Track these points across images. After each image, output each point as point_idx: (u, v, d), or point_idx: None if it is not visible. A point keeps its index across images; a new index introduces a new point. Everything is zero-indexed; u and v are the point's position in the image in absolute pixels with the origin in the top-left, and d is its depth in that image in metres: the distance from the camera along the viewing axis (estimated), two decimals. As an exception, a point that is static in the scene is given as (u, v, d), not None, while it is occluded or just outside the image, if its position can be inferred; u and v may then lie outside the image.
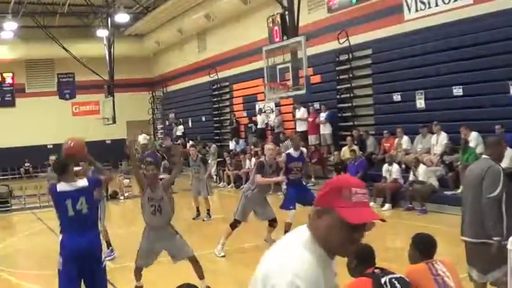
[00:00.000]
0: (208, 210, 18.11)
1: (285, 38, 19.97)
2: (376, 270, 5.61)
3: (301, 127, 23.88)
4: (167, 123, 40.23)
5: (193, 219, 18.14)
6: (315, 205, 2.94)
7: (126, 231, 16.35)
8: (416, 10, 20.38)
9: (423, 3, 20.06)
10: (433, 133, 18.36)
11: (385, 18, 21.52)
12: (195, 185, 18.58)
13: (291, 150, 13.55)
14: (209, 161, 27.75)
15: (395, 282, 5.42)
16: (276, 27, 20.64)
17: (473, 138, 16.86)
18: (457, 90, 18.42)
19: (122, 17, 33.51)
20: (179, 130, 36.14)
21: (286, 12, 20.34)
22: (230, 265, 12.37)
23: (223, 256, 12.71)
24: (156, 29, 38.81)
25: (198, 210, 18.43)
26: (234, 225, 12.92)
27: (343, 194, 2.86)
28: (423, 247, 6.20)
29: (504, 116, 16.70)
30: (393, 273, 5.62)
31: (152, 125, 43.21)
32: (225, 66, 32.61)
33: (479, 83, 17.83)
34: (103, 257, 7.88)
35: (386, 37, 21.60)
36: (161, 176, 25.61)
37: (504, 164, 15.07)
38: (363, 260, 5.79)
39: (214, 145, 29.20)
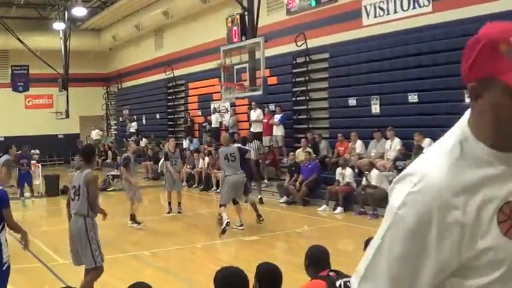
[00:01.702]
0: (180, 203, 18.37)
1: (243, 38, 19.90)
2: (331, 273, 5.59)
3: (256, 128, 23.83)
4: (121, 119, 39.87)
5: (168, 213, 18.24)
6: (466, 81, 2.03)
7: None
8: (375, 16, 20.49)
9: (382, 9, 20.18)
10: (387, 138, 18.46)
11: (343, 23, 21.58)
12: (170, 178, 18.36)
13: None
14: (161, 159, 27.67)
15: (350, 285, 5.39)
16: (235, 27, 20.57)
17: (426, 145, 17.00)
18: (412, 97, 18.54)
19: (79, 11, 33.05)
20: (133, 127, 35.85)
21: (246, 13, 20.29)
22: (181, 264, 12.26)
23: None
24: (114, 24, 38.46)
25: (170, 205, 18.36)
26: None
27: (501, 50, 1.85)
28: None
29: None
30: (348, 276, 5.60)
31: (106, 121, 42.80)
32: (181, 64, 32.40)
33: (435, 90, 17.97)
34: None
35: (344, 41, 21.67)
36: (112, 173, 25.62)
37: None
38: (316, 262, 5.77)
39: (173, 143, 28.96)
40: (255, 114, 23.88)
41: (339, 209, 17.49)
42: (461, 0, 17.76)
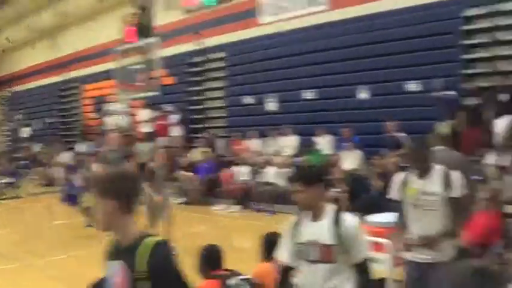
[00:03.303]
0: None
1: (139, 38, 19.63)
2: (224, 272, 5.59)
3: (146, 128, 23.55)
4: (12, 124, 38.67)
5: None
6: None
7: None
8: (272, 14, 20.61)
9: (278, 8, 20.31)
10: (283, 135, 18.58)
11: (240, 22, 21.63)
12: None
13: None
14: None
15: (243, 283, 5.41)
16: (131, 27, 20.27)
17: (326, 141, 17.23)
18: (308, 94, 18.76)
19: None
20: (25, 132, 34.85)
21: (141, 12, 20.01)
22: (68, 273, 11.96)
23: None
24: (6, 25, 37.35)
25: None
26: None
27: None
28: (274, 247, 6.21)
29: (352, 119, 17.18)
30: (241, 274, 5.60)
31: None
32: (77, 66, 31.73)
33: (330, 87, 18.24)
34: None
35: (240, 40, 21.71)
36: (4, 181, 24.79)
37: (351, 165, 15.59)
38: (210, 261, 5.75)
39: (61, 147, 28.37)
40: (144, 114, 23.59)
41: (237, 207, 17.49)
42: (355, -2, 18.13)
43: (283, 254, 4.83)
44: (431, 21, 16.12)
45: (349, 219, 4.56)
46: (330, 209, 4.61)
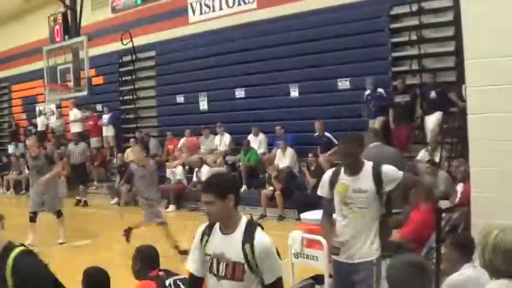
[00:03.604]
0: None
1: (66, 37, 19.34)
2: (160, 273, 5.58)
3: (75, 128, 23.29)
4: None
5: None
6: None
7: None
8: (201, 13, 20.60)
9: (208, 6, 20.34)
10: (216, 134, 18.59)
11: (170, 20, 21.55)
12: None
13: None
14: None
15: (180, 283, 5.41)
16: (58, 27, 19.92)
17: (259, 140, 17.30)
18: (240, 93, 18.82)
19: None
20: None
21: (69, 11, 19.73)
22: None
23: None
24: None
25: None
26: None
27: None
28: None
29: (284, 117, 17.30)
30: (177, 274, 5.59)
31: None
32: (3, 66, 31.07)
33: (261, 85, 18.33)
34: None
35: (170, 39, 21.64)
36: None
37: (285, 163, 15.70)
38: (147, 262, 5.71)
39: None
40: (72, 113, 23.31)
41: (171, 207, 17.43)
42: (284, -3, 18.24)
43: (191, 263, 4.48)
44: (360, 20, 16.37)
45: (261, 237, 4.15)
46: (242, 222, 4.23)
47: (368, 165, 5.84)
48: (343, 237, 5.87)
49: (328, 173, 6.14)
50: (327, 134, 15.41)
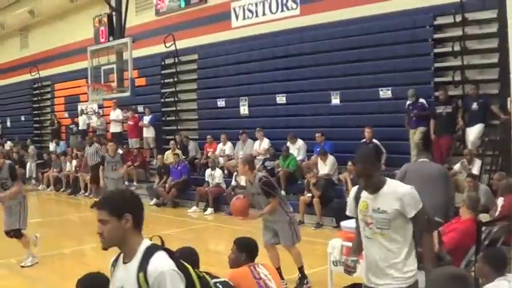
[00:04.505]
0: None
1: (111, 38, 19.55)
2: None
3: (115, 128, 23.58)
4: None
5: None
6: None
7: None
8: (244, 18, 20.68)
9: (251, 11, 20.40)
10: (255, 139, 18.62)
11: (212, 24, 21.66)
12: (110, 185, 16.35)
13: None
14: (28, 163, 26.85)
15: (220, 286, 5.40)
16: (103, 28, 20.14)
17: (298, 146, 17.29)
18: (280, 98, 18.84)
19: None
20: (-4, 130, 34.61)
21: (114, 13, 19.95)
22: (49, 270, 11.88)
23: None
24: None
25: None
26: None
27: None
28: (248, 250, 6.25)
29: (324, 124, 17.30)
30: (217, 277, 5.60)
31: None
32: (48, 64, 31.47)
33: (303, 92, 18.34)
34: None
35: (213, 43, 21.75)
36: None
37: (324, 170, 15.68)
38: (189, 264, 5.71)
39: (32, 146, 28.16)
40: (114, 114, 23.58)
41: (209, 210, 17.51)
42: (327, 4, 18.20)
43: None
44: (404, 29, 16.31)
45: (157, 261, 3.52)
46: (142, 248, 3.59)
47: (390, 185, 5.25)
48: (367, 259, 5.41)
49: (354, 190, 5.63)
50: (374, 140, 15.37)
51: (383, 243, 5.20)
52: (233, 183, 17.60)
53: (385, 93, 16.23)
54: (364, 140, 15.56)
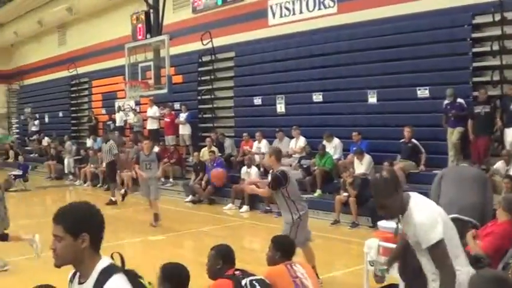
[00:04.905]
0: (156, 214, 15.45)
1: (148, 36, 19.70)
2: (236, 272, 5.58)
3: (152, 125, 23.74)
4: (22, 117, 38.89)
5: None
6: None
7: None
8: (281, 16, 20.67)
9: (288, 9, 20.38)
10: (291, 137, 18.60)
11: (249, 22, 21.70)
12: (143, 184, 15.99)
13: None
14: (65, 158, 27.14)
15: (256, 284, 5.42)
16: (140, 25, 20.31)
17: (334, 145, 17.25)
18: (317, 97, 18.80)
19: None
20: (35, 125, 35.02)
21: (151, 10, 20.10)
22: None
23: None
24: (16, 19, 37.46)
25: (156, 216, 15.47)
26: None
27: None
28: (284, 249, 6.25)
29: (361, 123, 17.23)
30: (254, 274, 5.61)
31: (7, 119, 41.62)
32: (85, 61, 31.84)
33: (339, 90, 18.28)
34: None
35: (249, 41, 21.79)
36: (14, 173, 24.95)
37: (360, 170, 15.63)
38: (222, 261, 5.74)
39: (70, 142, 28.45)
40: (151, 111, 23.74)
41: (245, 208, 17.54)
42: (365, 2, 18.12)
43: None
44: (441, 28, 16.12)
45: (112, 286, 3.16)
46: (98, 269, 3.23)
47: (411, 207, 4.79)
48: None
49: None
50: (413, 140, 15.27)
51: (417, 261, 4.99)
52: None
53: (423, 92, 16.10)
54: (403, 139, 15.48)
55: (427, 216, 4.71)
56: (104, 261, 3.26)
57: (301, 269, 6.06)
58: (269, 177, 9.51)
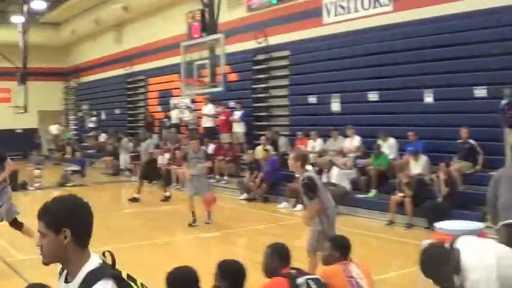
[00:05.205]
0: (209, 212, 15.56)
1: (203, 34, 19.80)
2: (292, 271, 5.58)
3: (207, 123, 23.88)
4: (79, 114, 39.54)
5: (190, 225, 15.16)
6: None
7: (33, 223, 15.98)
8: (336, 14, 20.59)
9: (343, 7, 20.28)
10: (346, 136, 18.53)
11: (304, 20, 21.66)
12: (194, 182, 15.66)
13: None
14: (121, 154, 27.49)
15: (312, 283, 5.40)
16: (195, 23, 20.48)
17: (390, 145, 17.11)
18: (373, 96, 18.68)
19: (38, 4, 32.73)
20: (92, 122, 35.55)
21: (206, 9, 20.19)
22: (140, 260, 12.14)
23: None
24: (72, 18, 38.04)
25: (194, 215, 15.28)
26: None
27: None
28: (341, 248, 6.24)
29: (417, 123, 17.05)
30: (309, 273, 5.61)
31: (65, 116, 42.32)
32: (141, 59, 32.22)
33: (395, 89, 18.13)
34: None
35: (304, 39, 21.73)
36: (71, 168, 25.38)
37: (416, 170, 15.46)
38: (278, 259, 5.74)
39: (126, 139, 28.80)
40: (206, 109, 23.88)
41: (299, 206, 17.49)
42: (420, 0, 17.91)
43: None
44: (499, 26, 15.86)
45: None
46: (86, 269, 3.07)
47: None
48: None
49: None
50: (470, 141, 15.07)
51: None
52: (324, 180, 17.53)
53: (480, 92, 15.85)
54: (460, 140, 15.28)
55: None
56: (92, 261, 3.12)
57: (356, 269, 6.04)
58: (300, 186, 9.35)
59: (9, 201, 11.64)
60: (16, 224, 11.63)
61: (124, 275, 3.08)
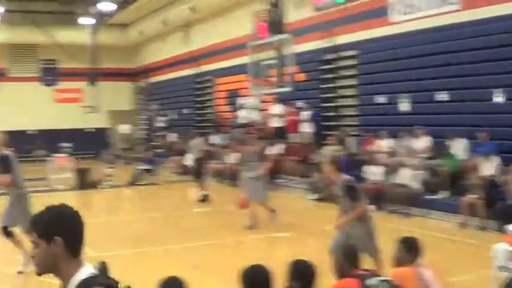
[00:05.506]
0: (273, 210, 15.49)
1: (270, 34, 19.86)
2: (362, 272, 5.56)
3: (276, 123, 23.92)
4: (149, 114, 40.09)
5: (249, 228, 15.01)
6: None
7: (106, 221, 16.32)
8: (402, 13, 20.38)
9: (409, 6, 20.06)
10: (416, 137, 18.32)
11: (371, 20, 21.53)
12: (248, 185, 15.43)
13: None
14: (188, 154, 27.73)
15: (383, 284, 5.38)
16: (262, 23, 20.53)
17: (459, 145, 16.85)
18: (441, 96, 18.43)
19: (106, 5, 33.31)
20: (161, 122, 36.00)
21: (273, 9, 20.25)
22: (211, 259, 12.22)
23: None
24: (140, 19, 38.58)
25: (253, 218, 15.14)
26: None
27: None
28: (413, 250, 6.20)
29: (487, 123, 16.73)
30: (379, 275, 5.59)
31: (134, 116, 42.97)
32: (208, 59, 32.52)
33: (464, 89, 17.88)
34: None
35: (372, 38, 21.59)
36: (142, 167, 25.73)
37: (488, 171, 15.17)
38: (349, 260, 5.74)
39: (196, 139, 29.04)
40: (275, 109, 23.92)
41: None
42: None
43: None
44: None
45: None
46: (78, 278, 3.01)
47: None
48: None
49: None
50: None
51: None
52: (394, 180, 17.37)
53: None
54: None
55: None
56: (83, 272, 3.04)
57: (427, 272, 6.00)
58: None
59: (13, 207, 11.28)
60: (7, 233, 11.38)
61: (121, 286, 2.98)
